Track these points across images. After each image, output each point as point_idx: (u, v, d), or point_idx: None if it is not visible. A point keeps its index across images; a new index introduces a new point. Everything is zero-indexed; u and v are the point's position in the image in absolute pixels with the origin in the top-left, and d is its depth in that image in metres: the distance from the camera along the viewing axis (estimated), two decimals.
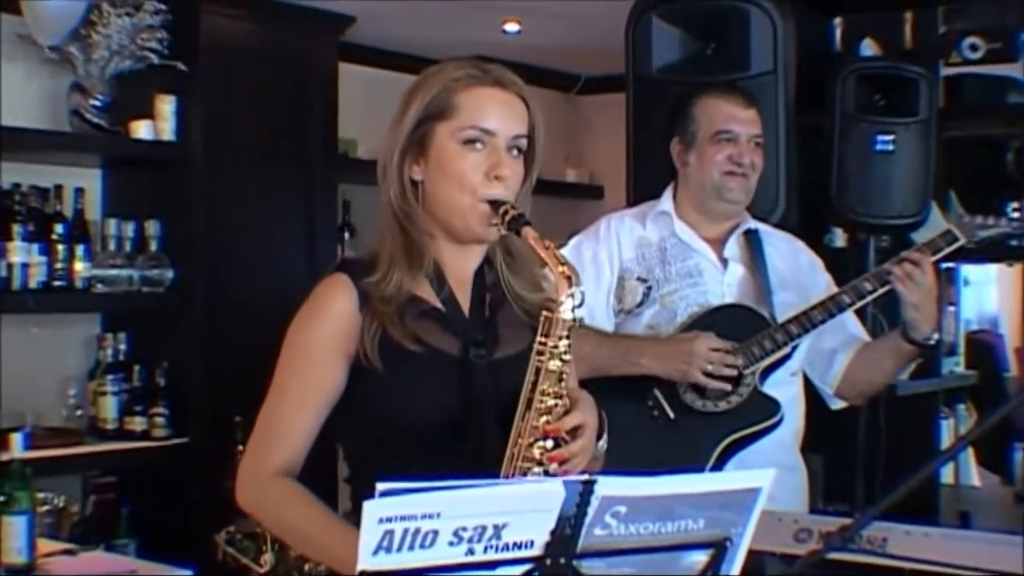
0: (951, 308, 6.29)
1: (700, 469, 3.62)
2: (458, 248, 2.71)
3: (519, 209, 2.56)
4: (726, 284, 3.84)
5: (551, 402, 2.45)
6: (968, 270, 7.23)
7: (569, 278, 2.44)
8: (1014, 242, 5.28)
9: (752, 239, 3.89)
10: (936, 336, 3.70)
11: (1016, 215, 5.33)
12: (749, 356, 3.71)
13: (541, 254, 2.47)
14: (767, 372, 3.76)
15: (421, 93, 2.66)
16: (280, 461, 2.63)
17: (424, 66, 6.19)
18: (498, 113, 2.62)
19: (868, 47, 5.21)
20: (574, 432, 2.47)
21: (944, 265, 5.43)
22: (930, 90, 4.66)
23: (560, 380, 2.46)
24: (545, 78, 6.85)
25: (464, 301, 2.71)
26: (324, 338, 2.65)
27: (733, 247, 3.88)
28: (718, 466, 3.69)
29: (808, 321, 3.72)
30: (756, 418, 3.72)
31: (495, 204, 2.57)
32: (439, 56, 6.26)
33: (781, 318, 3.75)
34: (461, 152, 2.60)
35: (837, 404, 4.00)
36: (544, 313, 2.46)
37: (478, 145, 2.60)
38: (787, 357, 3.77)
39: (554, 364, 2.45)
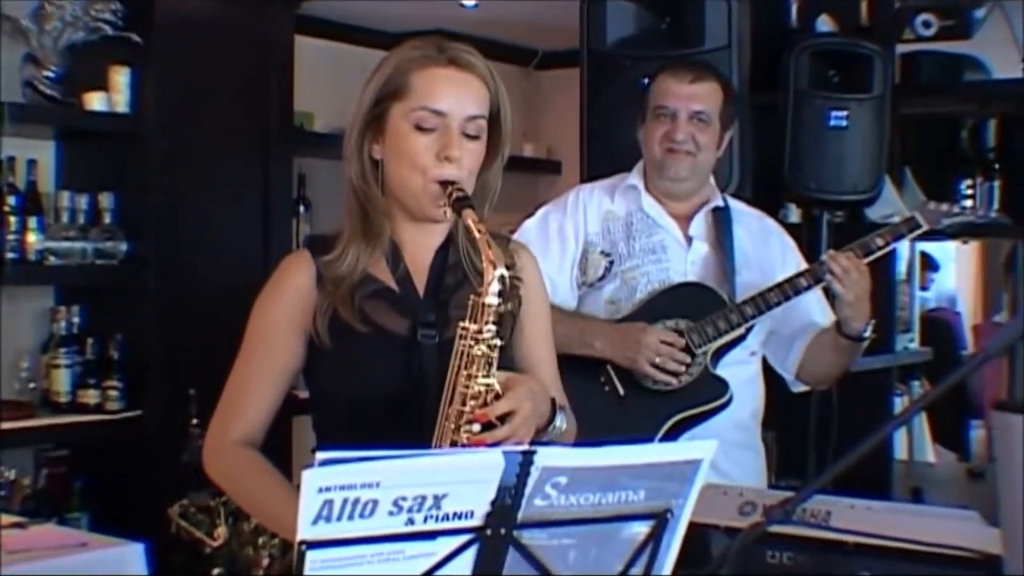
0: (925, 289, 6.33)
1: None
2: (417, 227, 2.73)
3: (465, 191, 2.58)
4: (689, 262, 3.83)
5: (477, 388, 2.46)
6: (925, 248, 7.26)
7: (494, 263, 2.45)
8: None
9: (721, 217, 3.88)
10: (870, 330, 3.71)
11: (970, 192, 5.37)
12: (703, 335, 3.71)
13: (475, 237, 2.48)
14: (722, 352, 3.77)
15: (379, 73, 2.69)
16: (241, 431, 2.71)
17: (381, 40, 6.21)
18: (451, 94, 2.63)
19: (824, 23, 5.22)
20: (504, 418, 2.48)
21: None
22: (884, 67, 4.68)
23: (489, 365, 2.47)
24: (502, 52, 6.84)
25: (420, 280, 2.73)
26: (282, 313, 2.71)
27: (699, 225, 3.87)
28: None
29: (764, 303, 3.71)
30: (704, 398, 3.72)
31: (445, 185, 2.58)
32: (396, 30, 6.34)
33: (742, 298, 3.76)
34: (413, 133, 2.63)
35: (799, 387, 4.01)
36: (472, 297, 2.48)
37: (430, 126, 2.61)
38: (742, 338, 3.78)
39: (479, 349, 2.46)
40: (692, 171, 3.82)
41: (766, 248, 3.93)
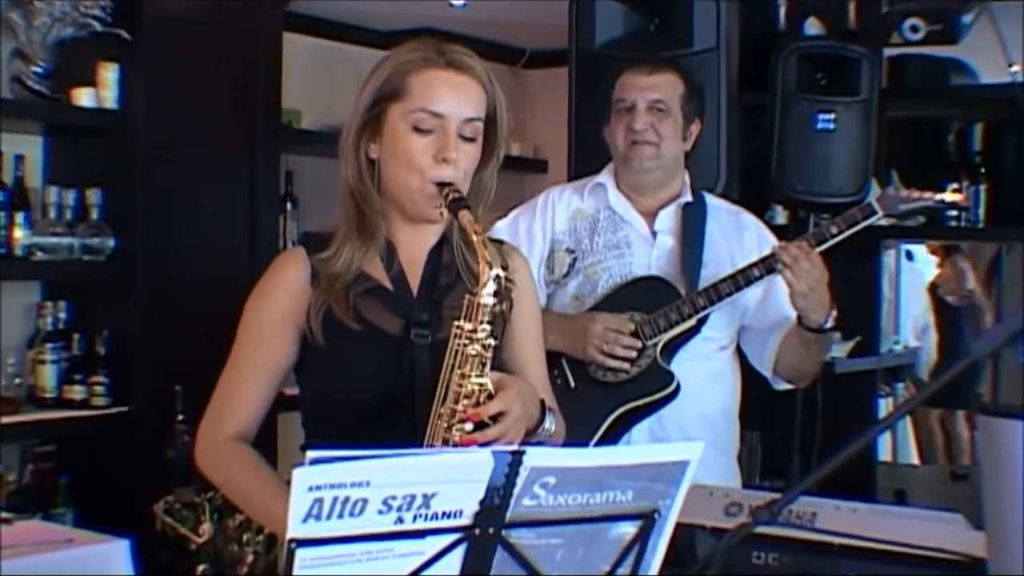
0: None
1: (590, 436, 3.70)
2: (412, 227, 2.75)
3: (461, 192, 2.60)
4: (654, 256, 3.87)
5: (471, 387, 2.49)
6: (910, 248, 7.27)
7: (490, 263, 2.46)
8: (953, 223, 5.35)
9: (691, 212, 3.90)
10: (831, 321, 3.71)
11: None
12: (654, 327, 3.73)
13: (471, 238, 2.50)
14: (676, 345, 3.79)
15: (377, 73, 2.71)
16: (234, 426, 2.73)
17: (369, 38, 6.19)
18: (449, 96, 2.65)
19: (812, 26, 5.23)
20: (496, 418, 2.50)
21: None
22: (872, 70, 4.69)
23: (483, 365, 2.50)
24: (490, 51, 6.83)
25: (414, 280, 2.75)
26: (275, 310, 2.73)
27: (665, 220, 3.89)
28: (612, 436, 3.74)
29: (715, 294, 3.73)
30: (650, 389, 3.75)
31: (442, 186, 2.60)
32: (385, 28, 6.33)
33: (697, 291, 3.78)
34: (411, 135, 2.65)
35: (781, 385, 4.00)
36: (467, 296, 2.50)
37: (427, 128, 2.62)
38: (695, 330, 3.79)
39: (473, 349, 2.49)
40: (656, 161, 3.85)
41: (740, 242, 3.94)
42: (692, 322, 3.76)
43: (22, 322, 5.16)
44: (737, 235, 3.95)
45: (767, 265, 3.70)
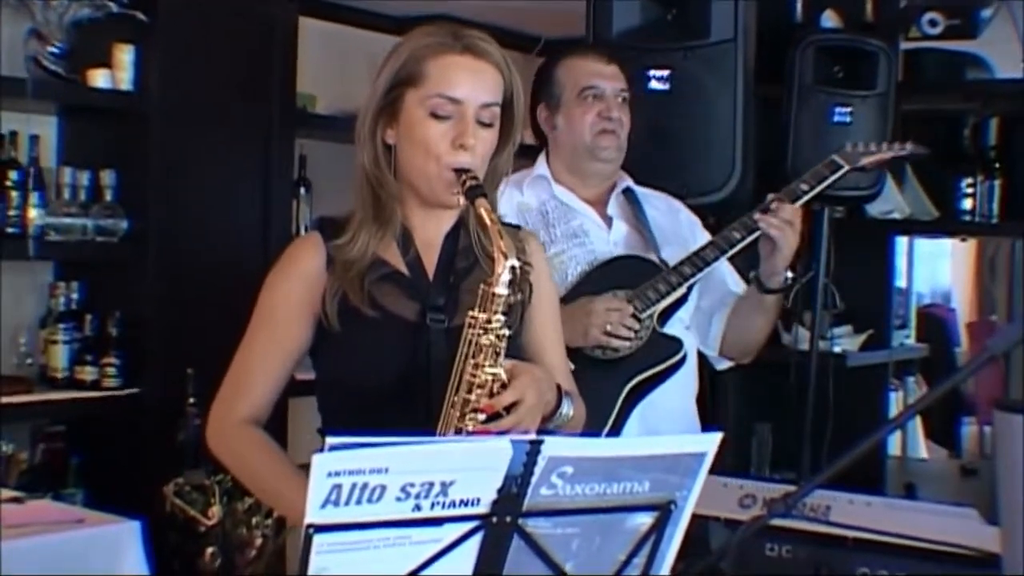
0: None
1: (607, 412, 3.66)
2: (428, 212, 2.75)
3: (478, 179, 2.59)
4: (612, 242, 3.84)
5: (484, 377, 2.48)
6: (921, 244, 7.28)
7: (505, 254, 2.46)
8: (967, 217, 5.35)
9: (631, 197, 3.90)
10: (790, 275, 3.73)
11: (970, 190, 5.38)
12: (645, 300, 3.70)
13: (487, 227, 2.50)
14: (666, 317, 3.77)
15: (394, 58, 2.70)
16: (246, 409, 2.72)
17: (384, 23, 6.16)
18: (466, 81, 2.64)
19: (829, 19, 5.22)
20: (509, 408, 2.50)
21: None
22: (889, 63, 4.68)
23: (496, 355, 2.49)
24: (505, 39, 6.77)
25: (431, 264, 2.74)
26: (290, 295, 2.72)
27: (615, 205, 3.89)
28: (626, 411, 3.70)
29: (701, 260, 3.72)
30: (659, 357, 3.72)
31: (459, 172, 2.59)
32: (400, 13, 6.31)
33: (676, 262, 3.76)
34: (428, 120, 2.64)
35: (723, 364, 4.02)
36: (482, 286, 2.49)
37: (445, 113, 2.62)
38: (684, 300, 3.78)
39: (487, 339, 2.48)
40: (620, 151, 3.84)
41: (677, 224, 3.95)
42: (682, 290, 3.73)
43: (35, 302, 5.16)
44: (674, 217, 3.97)
45: (747, 227, 3.71)
